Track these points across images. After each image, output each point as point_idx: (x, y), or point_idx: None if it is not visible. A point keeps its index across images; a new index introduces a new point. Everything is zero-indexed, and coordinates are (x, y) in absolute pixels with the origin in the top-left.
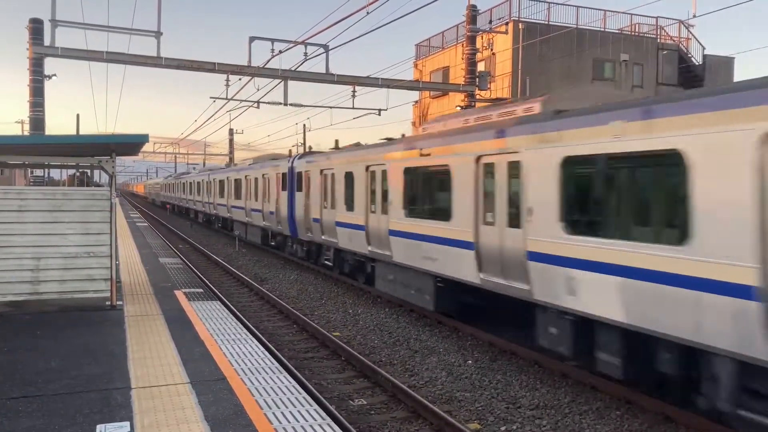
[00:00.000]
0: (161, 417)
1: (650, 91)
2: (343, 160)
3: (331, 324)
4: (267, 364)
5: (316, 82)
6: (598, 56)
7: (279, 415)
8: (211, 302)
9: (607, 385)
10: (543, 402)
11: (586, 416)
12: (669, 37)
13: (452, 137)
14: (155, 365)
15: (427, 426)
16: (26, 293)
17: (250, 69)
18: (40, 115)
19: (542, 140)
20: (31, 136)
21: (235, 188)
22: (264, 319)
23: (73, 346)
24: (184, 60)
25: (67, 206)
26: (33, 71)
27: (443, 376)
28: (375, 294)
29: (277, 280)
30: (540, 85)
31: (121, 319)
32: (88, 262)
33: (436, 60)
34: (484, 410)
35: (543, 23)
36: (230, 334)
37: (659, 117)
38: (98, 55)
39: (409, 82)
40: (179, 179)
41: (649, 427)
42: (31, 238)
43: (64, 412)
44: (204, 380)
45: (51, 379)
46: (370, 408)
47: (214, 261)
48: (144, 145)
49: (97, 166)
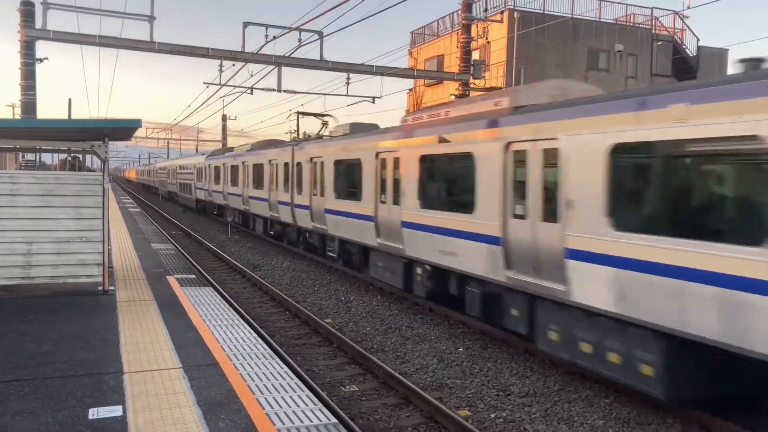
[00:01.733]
0: (153, 401)
1: (644, 82)
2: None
3: (324, 311)
4: (259, 349)
5: (310, 69)
6: (592, 46)
7: (271, 400)
8: (203, 288)
9: (595, 374)
10: (533, 390)
11: (575, 404)
12: (664, 28)
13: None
14: (147, 350)
15: (417, 412)
16: (18, 277)
17: (244, 55)
18: (32, 98)
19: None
20: (23, 120)
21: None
22: (256, 306)
23: (65, 330)
24: (178, 45)
25: (59, 191)
26: (24, 54)
27: (434, 363)
28: (367, 281)
29: (269, 267)
30: (535, 74)
31: (114, 304)
32: (80, 247)
33: (431, 48)
34: (474, 397)
35: (538, 12)
36: (223, 320)
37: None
38: (91, 39)
39: (404, 70)
40: (218, 159)
41: (637, 415)
42: (23, 223)
43: (56, 395)
44: (196, 365)
45: (43, 363)
46: (362, 394)
47: (206, 247)
48: (137, 130)
49: (90, 150)
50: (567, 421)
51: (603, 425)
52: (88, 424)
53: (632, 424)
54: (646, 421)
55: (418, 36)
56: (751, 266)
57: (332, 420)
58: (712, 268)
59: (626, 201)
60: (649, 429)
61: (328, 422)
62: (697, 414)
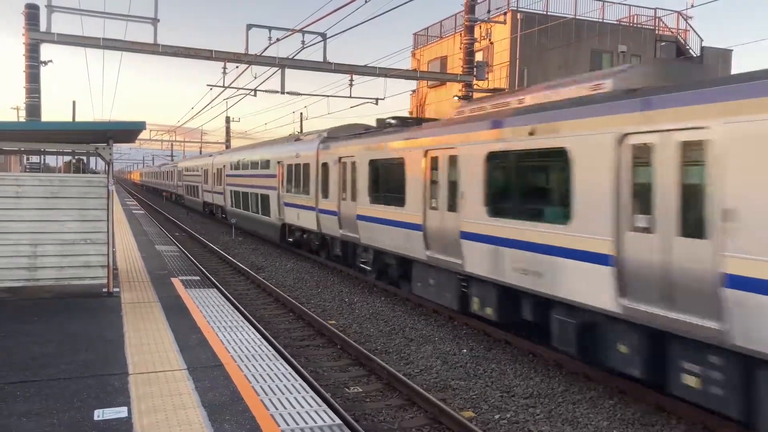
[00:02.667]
0: (158, 402)
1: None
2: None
3: (327, 312)
4: (263, 351)
5: (314, 71)
6: (596, 47)
7: (275, 401)
8: (207, 290)
9: (600, 375)
10: (537, 391)
11: (579, 405)
12: (667, 29)
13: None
14: (152, 351)
15: (421, 413)
16: (23, 279)
17: (248, 57)
18: (36, 101)
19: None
20: (28, 123)
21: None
22: (260, 307)
23: (70, 332)
24: (181, 47)
25: (64, 193)
26: (29, 57)
27: (438, 364)
28: (371, 283)
29: (273, 268)
30: (538, 75)
31: (118, 306)
32: (85, 249)
33: (434, 49)
34: (478, 398)
35: (541, 13)
36: (227, 322)
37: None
38: (95, 42)
39: (407, 72)
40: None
41: (641, 417)
42: (29, 225)
43: (61, 397)
44: (201, 366)
45: (48, 365)
46: (366, 396)
47: (210, 249)
48: (141, 133)
49: (94, 153)
50: (571, 422)
51: (607, 426)
52: (94, 425)
53: (636, 425)
54: (650, 422)
55: (421, 37)
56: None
57: (337, 421)
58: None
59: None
60: (653, 430)
61: (333, 423)
62: (702, 415)
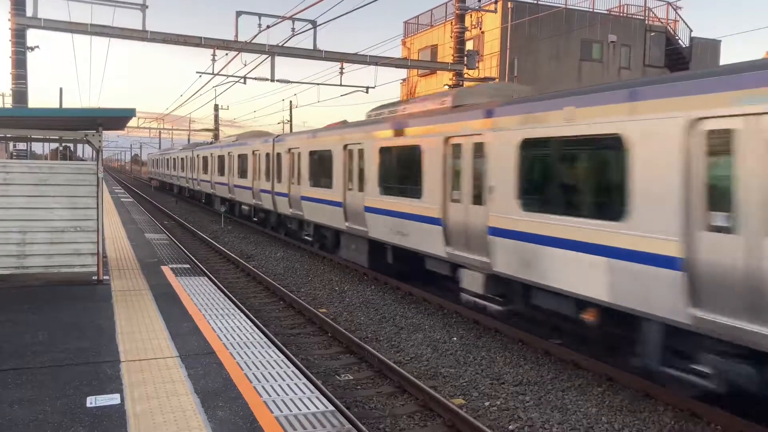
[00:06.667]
0: (151, 389)
1: (637, 73)
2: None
3: (318, 301)
4: (255, 339)
5: (304, 58)
6: (586, 37)
7: (268, 387)
8: (198, 278)
9: (588, 363)
10: (526, 378)
11: (568, 392)
12: (657, 19)
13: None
14: (144, 339)
15: (412, 401)
16: (12, 267)
17: (237, 44)
18: (23, 87)
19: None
20: (15, 109)
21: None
22: (251, 296)
23: (60, 320)
24: (170, 34)
25: (53, 180)
26: (15, 43)
27: (428, 352)
28: (362, 271)
29: (263, 257)
30: (528, 65)
31: (109, 294)
32: (74, 237)
33: (425, 38)
34: (468, 386)
35: (532, 3)
36: (218, 310)
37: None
38: (82, 27)
39: (397, 60)
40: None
41: (629, 403)
42: (17, 212)
43: (54, 384)
44: (193, 354)
45: (39, 352)
46: (357, 383)
47: (199, 237)
48: (130, 120)
49: (83, 140)
50: (560, 409)
51: (596, 413)
52: (87, 411)
53: (625, 411)
54: (638, 409)
55: (412, 26)
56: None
57: (329, 408)
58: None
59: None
60: (641, 416)
61: (326, 410)
62: (688, 402)
